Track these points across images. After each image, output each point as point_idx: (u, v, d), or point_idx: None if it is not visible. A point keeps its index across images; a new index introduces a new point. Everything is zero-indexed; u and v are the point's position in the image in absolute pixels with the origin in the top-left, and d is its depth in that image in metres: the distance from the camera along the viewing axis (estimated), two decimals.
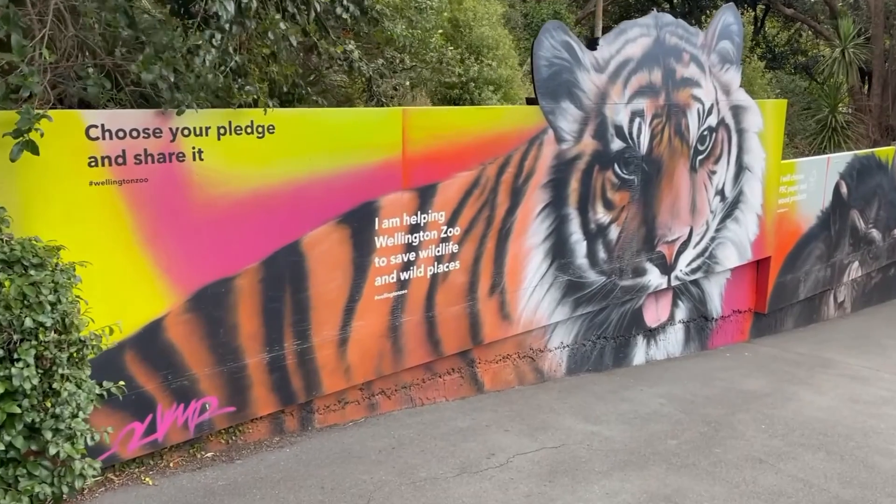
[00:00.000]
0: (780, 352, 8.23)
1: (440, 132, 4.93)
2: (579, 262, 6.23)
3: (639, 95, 6.39)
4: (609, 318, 6.87)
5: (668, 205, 6.91)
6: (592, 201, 6.20)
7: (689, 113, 6.92)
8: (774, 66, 20.55)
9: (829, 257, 9.46)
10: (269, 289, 4.25)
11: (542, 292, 5.97)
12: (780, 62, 22.93)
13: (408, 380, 5.29)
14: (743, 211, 7.82)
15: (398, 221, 4.81)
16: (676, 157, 6.89)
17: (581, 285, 6.30)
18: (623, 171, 6.41)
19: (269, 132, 4.07)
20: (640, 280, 6.88)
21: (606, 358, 6.93)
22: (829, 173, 9.08)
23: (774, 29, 28.13)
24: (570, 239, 6.09)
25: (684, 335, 7.76)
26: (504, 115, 5.37)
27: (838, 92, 18.05)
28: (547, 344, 6.32)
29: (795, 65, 22.91)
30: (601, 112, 6.09)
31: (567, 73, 5.74)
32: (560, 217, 5.96)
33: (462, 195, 5.18)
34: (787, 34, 26.62)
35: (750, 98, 7.62)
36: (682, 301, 7.63)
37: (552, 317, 6.12)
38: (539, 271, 5.90)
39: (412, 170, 4.82)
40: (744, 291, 8.43)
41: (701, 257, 7.46)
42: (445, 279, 5.20)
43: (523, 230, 5.68)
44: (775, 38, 27.05)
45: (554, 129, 5.73)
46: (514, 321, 5.80)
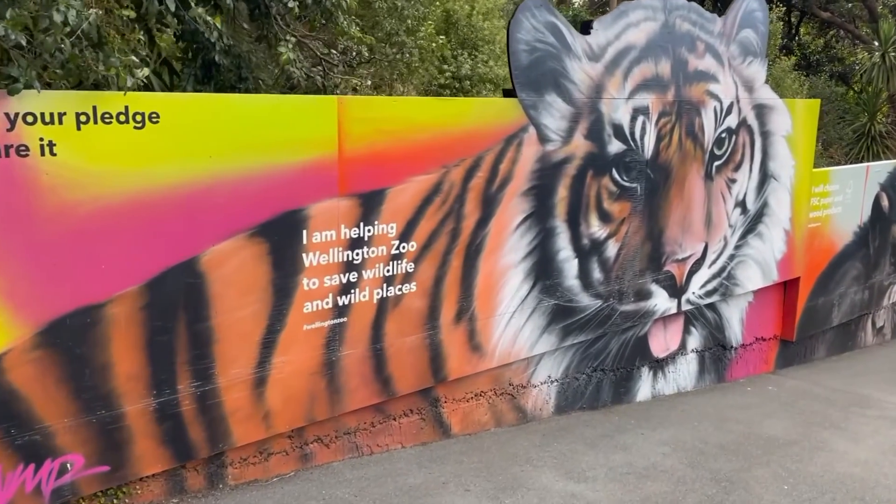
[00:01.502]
0: (810, 386, 7.13)
1: (389, 127, 4.03)
2: (569, 284, 5.26)
3: (642, 90, 5.41)
4: (607, 347, 5.87)
5: (678, 217, 5.90)
6: (585, 212, 5.23)
7: (704, 112, 5.91)
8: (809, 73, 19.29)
9: (868, 278, 8.33)
10: (156, 318, 3.37)
11: (522, 319, 5.02)
12: (816, 70, 21.65)
13: (352, 424, 4.38)
14: (768, 225, 6.76)
15: (333, 235, 3.91)
16: (688, 163, 5.89)
17: (571, 310, 5.33)
18: (623, 178, 5.43)
19: (151, 121, 3.20)
20: (645, 304, 5.87)
21: (604, 393, 5.93)
22: (869, 184, 7.97)
23: (809, 36, 26.77)
24: (556, 256, 5.13)
25: (698, 366, 6.72)
26: (473, 109, 4.44)
27: (878, 99, 16.74)
28: (530, 379, 5.35)
29: (831, 73, 21.60)
30: (596, 108, 5.12)
31: (553, 60, 4.80)
32: (544, 231, 5.00)
33: (419, 203, 4.26)
34: (823, 41, 25.28)
35: (777, 96, 6.57)
36: (696, 327, 6.59)
37: (535, 347, 5.16)
38: (518, 294, 4.94)
39: (352, 172, 3.92)
40: (769, 316, 7.35)
41: (718, 278, 6.43)
42: (398, 304, 4.28)
43: (498, 246, 4.73)
44: (811, 45, 25.71)
45: (536, 127, 4.79)
46: (487, 353, 4.85)
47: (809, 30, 26.81)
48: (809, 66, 21.83)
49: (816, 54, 24.70)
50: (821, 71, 20.08)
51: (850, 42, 22.53)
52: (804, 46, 25.15)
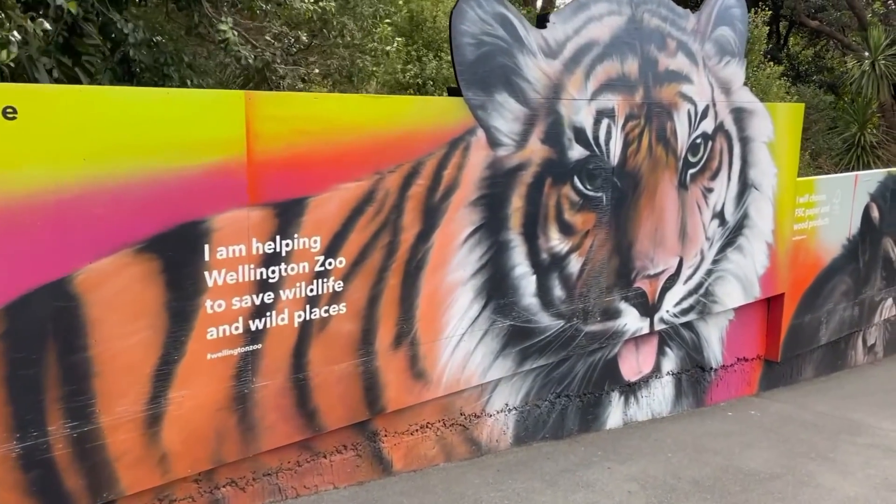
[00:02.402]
0: (796, 410, 6.67)
1: (309, 127, 3.56)
2: (526, 303, 4.79)
3: (607, 90, 4.97)
4: (572, 371, 5.40)
5: (648, 230, 5.45)
6: (544, 224, 4.77)
7: (677, 115, 5.48)
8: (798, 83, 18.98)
9: (858, 293, 7.89)
10: (18, 349, 2.88)
11: (473, 342, 4.54)
12: (805, 80, 21.37)
13: (273, 464, 3.88)
14: (748, 238, 6.32)
15: (243, 250, 3.44)
16: (660, 171, 5.44)
17: (530, 332, 4.86)
18: (586, 187, 4.98)
19: (6, 116, 2.73)
20: (613, 324, 5.40)
21: (570, 421, 5.45)
22: (858, 194, 7.55)
23: (798, 46, 26.56)
24: (511, 273, 4.66)
25: (674, 390, 6.25)
26: (410, 109, 3.98)
27: (868, 108, 16.41)
28: (485, 407, 4.87)
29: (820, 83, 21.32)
30: (554, 110, 4.68)
31: (503, 55, 4.35)
32: (497, 244, 4.54)
33: (348, 214, 3.79)
34: (813, 51, 25.06)
35: (757, 100, 6.15)
36: (671, 348, 6.13)
37: (489, 373, 4.68)
38: (468, 315, 4.47)
39: (264, 178, 3.44)
40: (751, 335, 6.89)
41: (694, 295, 5.97)
42: (324, 328, 3.80)
43: (443, 261, 4.26)
44: (800, 56, 25.48)
45: (486, 130, 4.33)
46: (432, 381, 4.37)
47: (799, 40, 26.60)
48: (798, 77, 21.54)
49: (805, 64, 24.44)
50: (810, 81, 19.79)
51: (839, 52, 22.27)
52: (793, 57, 24.92)
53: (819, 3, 19.90)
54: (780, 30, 27.38)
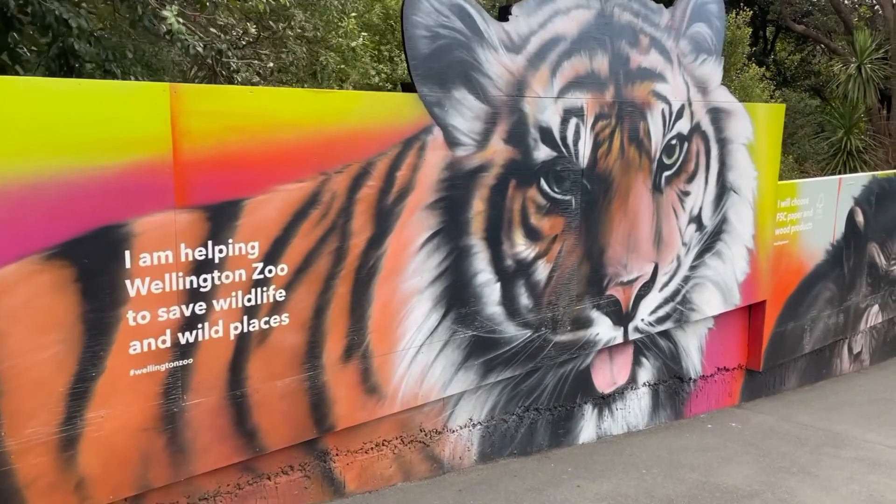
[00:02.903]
0: (778, 422, 6.43)
1: (244, 123, 3.31)
2: (490, 312, 4.54)
3: (575, 88, 4.74)
4: (542, 383, 5.15)
5: (621, 235, 5.21)
6: (508, 229, 4.53)
7: (651, 115, 5.25)
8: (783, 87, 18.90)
9: (843, 300, 7.68)
10: None
11: (432, 354, 4.28)
12: (791, 84, 21.29)
13: (210, 487, 3.60)
14: (728, 243, 6.10)
15: (170, 256, 3.17)
16: (633, 173, 5.21)
17: (494, 343, 4.60)
18: (554, 190, 4.74)
19: None
20: (584, 333, 5.16)
21: (539, 436, 5.19)
22: (842, 198, 7.34)
23: (785, 52, 26.55)
24: (474, 280, 4.41)
25: (651, 401, 6.00)
26: (359, 105, 3.73)
27: (854, 112, 16.29)
28: (447, 423, 4.61)
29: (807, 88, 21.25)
30: (518, 108, 4.44)
31: (461, 49, 4.11)
32: (458, 250, 4.29)
33: (289, 218, 3.53)
34: (800, 56, 25.04)
35: (735, 99, 5.94)
36: (648, 358, 5.89)
37: (450, 386, 4.42)
38: (426, 325, 4.21)
39: (193, 179, 3.18)
40: (732, 344, 6.66)
41: (671, 303, 5.73)
42: (265, 341, 3.53)
43: (398, 268, 4.01)
44: (786, 61, 25.46)
45: (443, 129, 4.09)
46: (387, 396, 4.11)
47: (786, 45, 26.59)
48: (786, 82, 21.47)
49: (792, 69, 24.39)
50: (797, 86, 19.71)
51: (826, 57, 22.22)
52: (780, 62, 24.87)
53: (805, 9, 19.84)
54: (766, 35, 27.39)
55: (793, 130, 15.85)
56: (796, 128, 15.52)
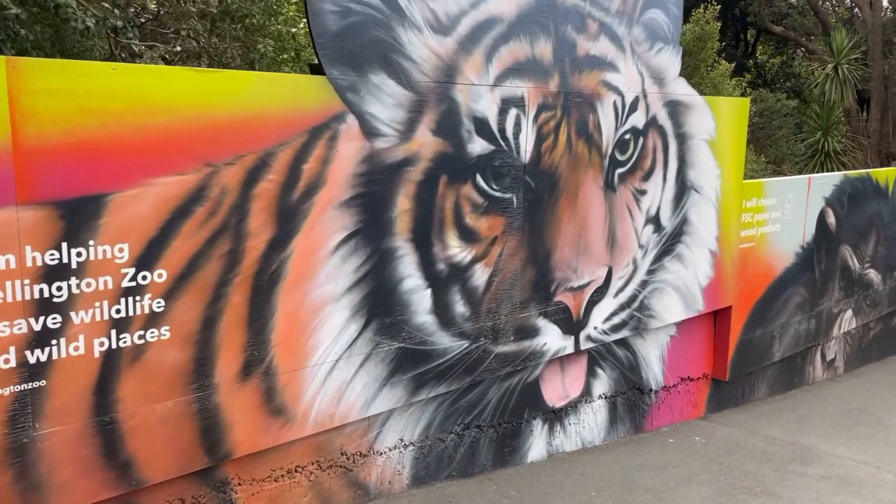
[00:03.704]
0: (745, 435, 6.00)
1: (105, 105, 2.82)
2: (420, 322, 4.06)
3: (514, 76, 4.28)
4: (484, 398, 4.68)
5: (570, 236, 4.76)
6: (439, 230, 4.06)
7: (601, 107, 4.81)
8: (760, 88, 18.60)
9: (814, 305, 7.27)
10: None
11: (351, 369, 3.80)
12: (772, 87, 21.02)
13: None
14: (689, 246, 5.66)
15: (12, 261, 2.68)
16: (582, 169, 4.76)
17: (426, 355, 4.13)
18: (492, 187, 4.28)
19: None
20: (530, 343, 4.70)
21: (482, 456, 4.72)
22: (812, 198, 6.93)
23: (766, 55, 26.32)
24: (400, 286, 3.94)
25: (608, 415, 5.55)
26: (253, 88, 3.24)
27: (831, 113, 15.98)
28: (372, 444, 4.13)
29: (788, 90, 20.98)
30: (448, 96, 3.98)
31: (379, 28, 3.64)
32: (380, 253, 3.82)
33: (168, 216, 3.04)
34: (780, 59, 24.81)
35: (695, 92, 5.51)
36: (603, 369, 5.43)
37: (374, 405, 3.94)
38: (343, 337, 3.74)
39: (40, 170, 2.69)
40: (696, 353, 6.23)
41: (627, 309, 5.28)
42: (139, 358, 3.04)
43: (307, 274, 3.53)
44: (767, 64, 25.23)
45: (358, 117, 3.62)
46: (296, 417, 3.62)
47: (767, 48, 26.35)
48: (766, 84, 21.18)
49: (773, 72, 24.14)
50: (778, 89, 19.43)
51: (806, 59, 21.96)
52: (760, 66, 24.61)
53: (784, 11, 19.55)
54: (748, 38, 27.14)
55: (770, 131, 15.50)
56: (773, 129, 15.16)
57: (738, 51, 24.85)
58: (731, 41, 25.04)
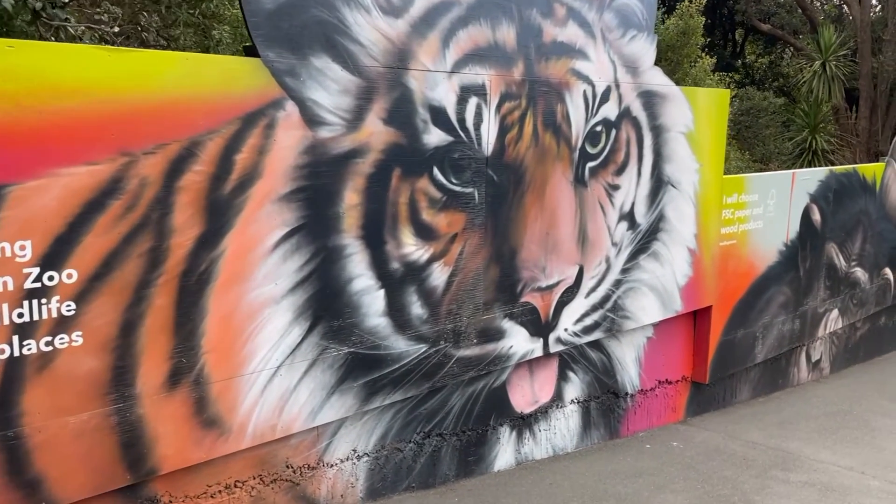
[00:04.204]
0: (725, 440, 5.73)
1: (1, 87, 2.53)
2: (372, 324, 3.77)
3: (474, 62, 4.00)
4: (446, 404, 4.39)
5: (537, 233, 4.48)
6: (393, 226, 3.77)
7: (570, 97, 4.53)
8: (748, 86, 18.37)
9: (798, 305, 7.01)
10: None
11: (294, 376, 3.51)
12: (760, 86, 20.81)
13: None
14: (665, 244, 5.38)
15: None
16: (550, 163, 4.48)
17: (379, 360, 3.84)
18: (451, 181, 3.99)
19: None
20: (495, 346, 4.41)
21: (444, 466, 4.44)
22: (796, 194, 6.67)
23: (754, 55, 26.13)
24: (349, 287, 3.65)
25: (581, 421, 5.27)
26: (175, 69, 2.95)
27: (819, 110, 15.75)
28: (322, 456, 3.83)
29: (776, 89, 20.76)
30: (400, 82, 3.69)
31: (320, 7, 3.34)
32: (326, 251, 3.52)
33: (77, 211, 2.74)
34: (769, 59, 24.61)
35: (671, 82, 5.23)
36: (576, 372, 5.15)
37: (321, 414, 3.64)
38: (286, 342, 3.44)
39: None
40: (675, 355, 5.95)
41: (600, 310, 5.00)
42: (48, 366, 2.74)
43: (242, 274, 3.24)
44: (756, 63, 25.05)
45: (299, 103, 3.32)
46: (232, 429, 3.32)
47: (755, 48, 26.15)
48: (755, 84, 20.96)
49: (762, 71, 23.94)
50: (766, 88, 19.22)
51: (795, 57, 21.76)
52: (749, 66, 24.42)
53: (772, 9, 19.33)
54: (735, 38, 26.93)
55: (757, 129, 15.27)
56: (760, 127, 14.93)
57: (727, 51, 24.65)
58: (720, 41, 24.85)
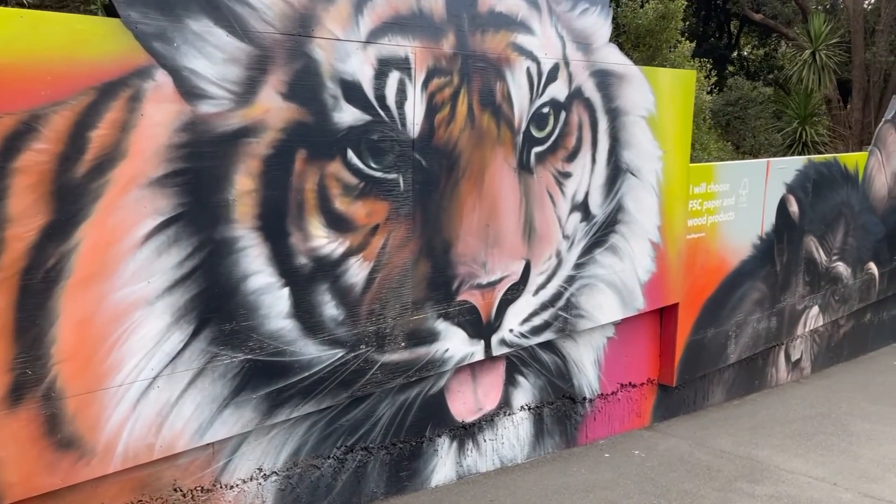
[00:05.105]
0: (691, 447, 5.26)
1: None
2: (274, 328, 3.29)
3: (395, 32, 3.51)
4: (373, 415, 3.92)
5: (475, 225, 3.99)
6: (298, 216, 3.28)
7: (511, 74, 4.03)
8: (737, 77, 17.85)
9: (775, 301, 6.53)
10: None
11: (176, 388, 3.03)
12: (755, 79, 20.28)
13: None
14: (625, 236, 4.90)
15: None
16: (489, 147, 3.99)
17: (285, 368, 3.36)
18: (370, 165, 3.50)
19: None
20: (427, 350, 3.93)
21: (371, 483, 3.96)
22: (771, 184, 6.17)
23: (749, 47, 25.61)
24: (243, 286, 3.16)
25: (533, 429, 4.79)
26: (6, 29, 2.47)
27: (809, 100, 15.21)
28: (219, 476, 3.36)
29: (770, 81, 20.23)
30: (303, 52, 3.20)
31: None
32: (213, 245, 3.04)
33: None
34: (764, 51, 24.08)
35: (629, 61, 4.73)
36: (526, 376, 4.68)
37: (211, 430, 3.16)
38: (163, 349, 2.96)
39: None
40: (639, 356, 5.47)
41: (550, 308, 4.52)
42: None
43: (105, 271, 2.75)
44: (751, 55, 24.53)
45: (173, 73, 2.83)
46: (96, 451, 2.84)
47: (750, 39, 25.61)
48: (749, 76, 20.44)
49: (757, 64, 23.43)
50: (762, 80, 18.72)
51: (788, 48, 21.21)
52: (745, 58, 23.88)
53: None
54: (731, 30, 26.37)
55: (744, 119, 14.75)
56: (748, 117, 14.40)
57: (722, 42, 24.12)
58: (714, 32, 24.32)
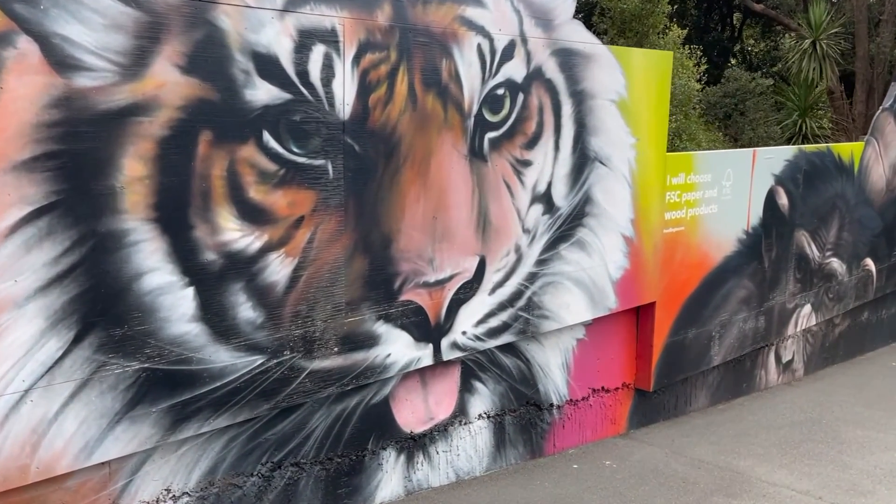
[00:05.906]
0: (667, 457, 4.84)
1: None
2: (177, 332, 2.89)
3: (318, 1, 3.10)
4: (304, 427, 3.51)
5: (420, 217, 3.58)
6: (203, 207, 2.88)
7: (459, 51, 3.61)
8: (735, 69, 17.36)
9: (763, 300, 6.09)
10: None
11: (55, 401, 2.63)
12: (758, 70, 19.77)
13: None
14: (594, 230, 4.47)
15: None
16: (435, 132, 3.57)
17: (190, 378, 2.96)
18: (291, 149, 3.09)
19: None
20: (365, 355, 3.52)
21: (304, 501, 3.54)
22: (757, 175, 5.73)
23: (752, 40, 25.09)
24: (137, 285, 2.76)
25: (493, 438, 4.39)
26: None
27: (810, 92, 14.69)
28: (118, 499, 2.96)
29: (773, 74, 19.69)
30: (206, 20, 2.78)
31: None
32: (97, 238, 2.63)
33: None
34: (765, 44, 23.55)
35: (596, 40, 4.30)
36: (484, 382, 4.27)
37: (101, 449, 2.76)
38: (37, 357, 2.56)
39: None
40: (612, 359, 5.05)
41: (509, 308, 4.11)
42: None
43: None
44: (754, 48, 24.02)
45: (40, 41, 2.42)
46: None
47: (753, 32, 25.07)
48: (752, 69, 19.95)
49: (759, 56, 22.94)
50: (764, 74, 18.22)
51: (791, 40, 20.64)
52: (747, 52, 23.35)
53: None
54: (734, 22, 25.82)
55: (743, 111, 14.26)
56: (747, 109, 13.91)
57: (724, 35, 23.62)
58: (717, 25, 23.81)
